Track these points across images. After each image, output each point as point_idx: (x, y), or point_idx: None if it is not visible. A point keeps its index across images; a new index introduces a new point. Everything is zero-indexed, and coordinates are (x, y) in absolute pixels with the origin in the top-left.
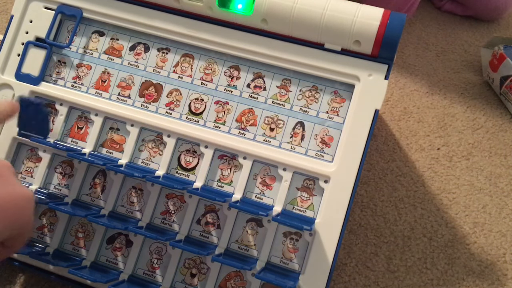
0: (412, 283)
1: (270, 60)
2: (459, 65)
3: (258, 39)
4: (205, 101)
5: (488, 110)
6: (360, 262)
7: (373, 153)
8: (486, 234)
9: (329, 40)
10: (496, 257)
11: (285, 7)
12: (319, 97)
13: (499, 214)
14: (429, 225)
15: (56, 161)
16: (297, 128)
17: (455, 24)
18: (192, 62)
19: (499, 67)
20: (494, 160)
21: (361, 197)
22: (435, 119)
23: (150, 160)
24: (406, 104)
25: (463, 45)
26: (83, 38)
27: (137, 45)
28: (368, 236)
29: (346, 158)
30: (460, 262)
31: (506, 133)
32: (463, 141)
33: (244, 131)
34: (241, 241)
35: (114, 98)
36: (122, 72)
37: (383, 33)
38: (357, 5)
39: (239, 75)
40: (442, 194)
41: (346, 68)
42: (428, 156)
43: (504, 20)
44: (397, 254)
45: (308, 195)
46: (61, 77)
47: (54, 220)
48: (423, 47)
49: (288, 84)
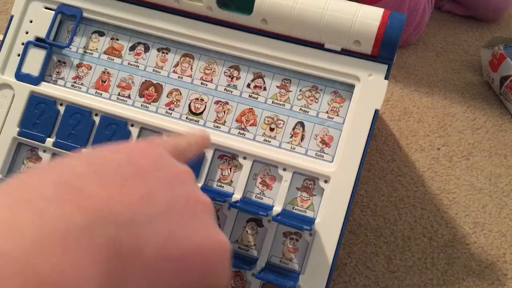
0: (412, 283)
1: (270, 60)
2: (459, 65)
3: (258, 39)
4: (205, 101)
5: (488, 110)
6: (360, 262)
7: (373, 153)
8: (486, 234)
9: (329, 40)
10: (496, 257)
11: (285, 7)
12: (319, 97)
13: (499, 214)
14: (429, 225)
15: None
16: (297, 128)
17: (455, 24)
18: (192, 62)
19: (499, 67)
20: (494, 160)
21: (361, 197)
22: (435, 119)
23: None
24: (406, 104)
25: (463, 45)
26: (83, 38)
27: (137, 45)
28: (368, 236)
29: (346, 158)
30: (460, 262)
31: (506, 133)
32: (463, 141)
33: (244, 131)
34: (241, 241)
35: (114, 98)
36: (122, 72)
37: (383, 33)
38: (357, 5)
39: (239, 75)
40: (442, 194)
41: (346, 68)
42: (428, 156)
43: (504, 20)
44: (397, 254)
45: (308, 195)
46: (61, 77)
47: None
48: (423, 47)
49: (288, 84)
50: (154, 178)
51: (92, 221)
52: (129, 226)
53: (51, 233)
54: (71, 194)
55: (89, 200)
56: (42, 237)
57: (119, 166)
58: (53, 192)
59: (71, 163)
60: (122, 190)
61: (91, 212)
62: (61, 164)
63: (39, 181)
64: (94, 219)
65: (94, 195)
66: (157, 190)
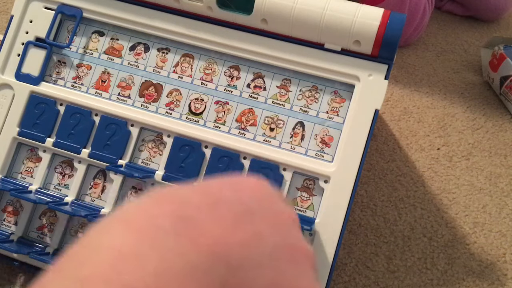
0: (412, 283)
1: (270, 60)
2: (459, 65)
3: (258, 39)
4: (205, 101)
5: (488, 110)
6: (360, 262)
7: (373, 153)
8: (486, 234)
9: (329, 40)
10: (496, 257)
11: (285, 7)
12: (319, 97)
13: (499, 214)
14: (429, 225)
15: (56, 161)
16: (297, 128)
17: (455, 24)
18: (192, 62)
19: (499, 67)
20: (494, 160)
21: (361, 197)
22: (435, 119)
23: (150, 160)
24: (406, 104)
25: (463, 45)
26: (83, 38)
27: (137, 45)
28: (368, 236)
29: (346, 158)
30: (460, 262)
31: (506, 133)
32: (463, 141)
33: (244, 131)
34: None
35: (114, 98)
36: (122, 72)
37: (383, 33)
38: (357, 5)
39: (239, 75)
40: (442, 194)
41: (346, 68)
42: (428, 156)
43: (504, 20)
44: (397, 254)
45: (308, 195)
46: (61, 77)
47: (54, 220)
48: (423, 47)
49: (288, 84)
50: (262, 219)
51: (207, 260)
52: (238, 269)
53: (171, 269)
54: (187, 229)
55: (204, 237)
56: (163, 273)
57: (231, 202)
58: (170, 225)
59: (186, 193)
60: (234, 229)
61: (205, 250)
62: (177, 192)
63: (158, 212)
64: (209, 258)
65: (209, 231)
66: (265, 232)
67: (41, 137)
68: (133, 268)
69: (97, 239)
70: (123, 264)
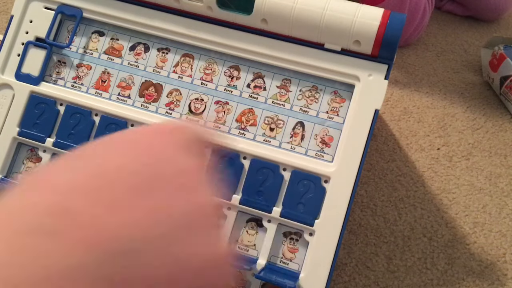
0: (412, 283)
1: (270, 60)
2: (459, 65)
3: (258, 39)
4: (205, 101)
5: (488, 110)
6: (360, 262)
7: (373, 153)
8: (486, 234)
9: (329, 40)
10: (496, 257)
11: (285, 7)
12: (319, 97)
13: (499, 214)
14: (429, 225)
15: None
16: (297, 128)
17: (455, 24)
18: (192, 62)
19: (499, 67)
20: (494, 160)
21: (361, 197)
22: (435, 119)
23: None
24: (406, 104)
25: (463, 45)
26: (83, 38)
27: (137, 45)
28: (368, 236)
29: (346, 158)
30: (460, 262)
31: (506, 133)
32: (463, 141)
33: (244, 131)
34: (241, 241)
35: (114, 98)
36: (122, 72)
37: (383, 33)
38: (357, 5)
39: (239, 75)
40: (442, 194)
41: (346, 68)
42: (428, 156)
43: (504, 20)
44: (397, 254)
45: None
46: (61, 77)
47: None
48: (423, 47)
49: (288, 84)
50: (158, 188)
51: (85, 258)
52: (127, 255)
53: (49, 277)
54: (67, 225)
55: (80, 229)
56: (39, 282)
57: (117, 176)
58: (48, 223)
59: (68, 176)
60: (115, 211)
61: (82, 247)
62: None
63: (32, 208)
64: (87, 254)
65: (86, 220)
66: (160, 204)
67: (41, 137)
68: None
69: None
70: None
